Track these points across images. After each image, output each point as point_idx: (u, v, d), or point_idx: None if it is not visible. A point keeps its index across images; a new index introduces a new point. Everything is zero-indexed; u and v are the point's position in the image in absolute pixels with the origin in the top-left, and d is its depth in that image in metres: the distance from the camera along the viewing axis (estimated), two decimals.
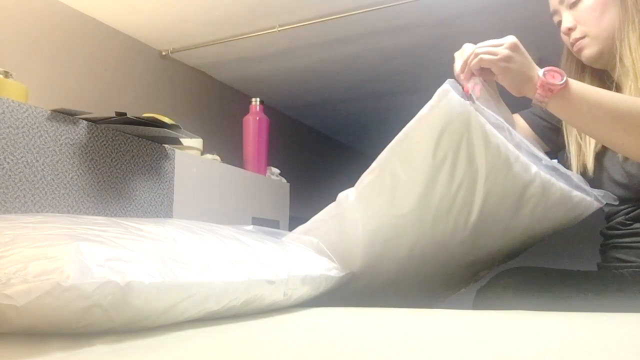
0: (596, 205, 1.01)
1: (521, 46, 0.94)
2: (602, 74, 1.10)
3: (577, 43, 1.07)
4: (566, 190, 0.98)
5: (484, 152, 0.95)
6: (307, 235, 1.09)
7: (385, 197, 1.01)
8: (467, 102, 0.96)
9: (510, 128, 0.99)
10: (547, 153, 1.05)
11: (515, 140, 0.98)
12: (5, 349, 0.51)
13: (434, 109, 0.97)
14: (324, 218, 1.11)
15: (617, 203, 1.03)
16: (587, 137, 1.10)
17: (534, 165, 0.97)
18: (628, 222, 1.06)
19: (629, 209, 1.06)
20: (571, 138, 1.13)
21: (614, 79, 1.07)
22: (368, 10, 1.70)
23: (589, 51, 1.06)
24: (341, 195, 1.09)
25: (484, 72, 0.98)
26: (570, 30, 1.07)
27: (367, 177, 1.05)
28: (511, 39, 0.94)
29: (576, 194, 0.99)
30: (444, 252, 1.02)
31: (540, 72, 0.92)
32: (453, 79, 1.00)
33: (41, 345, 0.52)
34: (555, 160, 1.02)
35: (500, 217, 0.99)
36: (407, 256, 1.02)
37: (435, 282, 1.11)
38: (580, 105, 0.92)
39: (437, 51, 2.02)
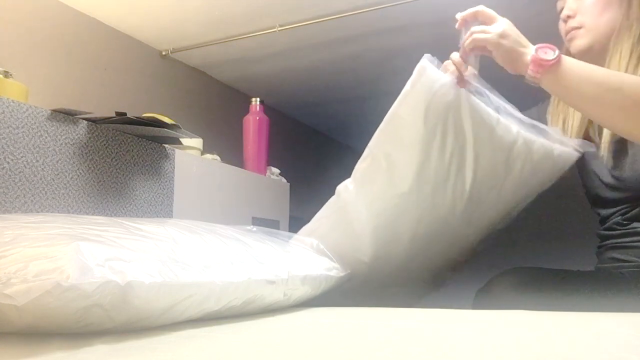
0: (575, 155, 1.03)
1: (514, 27, 0.95)
2: None
3: (572, 32, 1.08)
4: (547, 145, 1.02)
5: (469, 119, 0.99)
6: (313, 234, 1.11)
7: (383, 179, 1.04)
8: (446, 74, 1.00)
9: (488, 92, 1.02)
10: None
11: (494, 104, 1.02)
12: (5, 349, 0.51)
13: (416, 84, 1.01)
14: (327, 214, 1.12)
15: (593, 149, 1.04)
16: (569, 133, 1.11)
17: (514, 125, 1.01)
18: (625, 222, 1.06)
19: (625, 209, 1.06)
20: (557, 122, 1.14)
21: None
22: (368, 10, 1.70)
23: (580, 42, 1.07)
24: (340, 187, 1.10)
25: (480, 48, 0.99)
26: (569, 17, 1.08)
27: (362, 164, 1.07)
28: (504, 19, 0.96)
29: (556, 147, 1.02)
30: (446, 226, 1.04)
31: (533, 48, 0.93)
32: (430, 54, 1.04)
33: (41, 345, 0.52)
34: None
35: (493, 180, 1.02)
36: (412, 236, 1.04)
37: (441, 259, 1.13)
38: (572, 81, 0.92)
39: (437, 51, 2.02)
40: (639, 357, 0.49)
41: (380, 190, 1.04)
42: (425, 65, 1.01)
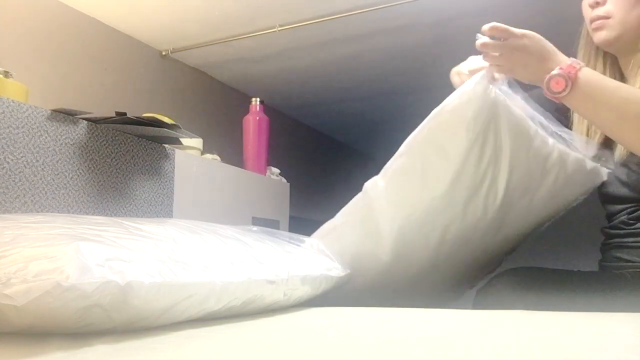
0: (605, 171, 1.05)
1: (523, 54, 0.94)
2: (614, 62, 1.10)
3: (599, 21, 1.05)
4: (580, 159, 1.03)
5: (507, 130, 0.99)
6: (336, 229, 1.11)
7: (417, 181, 1.03)
8: (492, 85, 1.00)
9: (524, 102, 1.03)
10: None
11: (530, 114, 1.02)
12: (5, 349, 0.51)
13: (465, 94, 1.00)
14: (352, 210, 1.12)
15: (613, 167, 1.06)
16: (594, 130, 1.10)
17: (550, 138, 1.02)
18: (631, 221, 1.06)
19: (632, 209, 1.06)
20: (582, 128, 1.13)
21: (623, 71, 1.08)
22: (368, 10, 1.70)
23: (607, 33, 1.04)
24: (368, 184, 1.10)
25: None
26: (597, 4, 1.04)
27: (396, 162, 1.06)
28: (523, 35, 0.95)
29: (589, 161, 1.03)
30: (474, 234, 1.04)
31: (548, 74, 0.92)
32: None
33: (41, 345, 0.52)
34: None
35: (526, 190, 1.02)
36: (440, 242, 1.04)
37: (466, 269, 1.13)
38: (589, 103, 0.92)
39: (437, 51, 2.02)
40: (639, 357, 0.49)
41: (413, 191, 1.04)
42: (485, 76, 1.00)
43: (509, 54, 0.94)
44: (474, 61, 1.07)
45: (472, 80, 1.01)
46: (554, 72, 0.91)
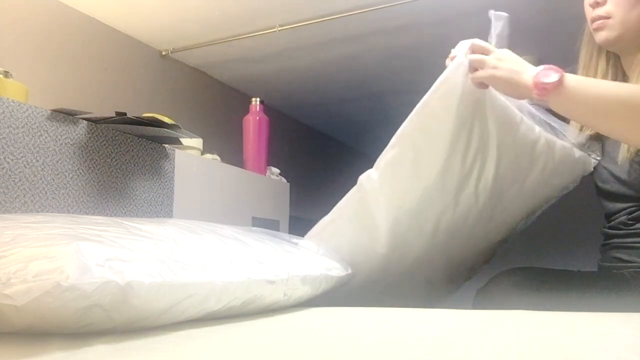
0: (593, 161, 1.08)
1: (508, 54, 0.95)
2: (616, 61, 1.10)
3: (600, 21, 1.04)
4: (568, 147, 1.05)
5: (494, 117, 1.00)
6: (332, 224, 1.12)
7: (410, 170, 1.04)
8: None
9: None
10: None
11: (516, 103, 1.04)
12: (5, 349, 0.51)
13: (450, 78, 1.01)
14: (347, 204, 1.13)
15: (600, 158, 1.08)
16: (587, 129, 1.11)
17: (537, 126, 1.04)
18: (630, 222, 1.05)
19: (631, 209, 1.05)
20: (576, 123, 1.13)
21: (625, 70, 1.08)
22: (368, 10, 1.70)
23: (607, 33, 1.03)
24: (362, 177, 1.11)
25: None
26: (598, 4, 1.04)
27: (388, 153, 1.07)
28: (498, 50, 0.97)
29: (576, 150, 1.06)
30: (467, 222, 1.05)
31: (534, 71, 0.92)
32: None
33: (41, 345, 0.52)
34: None
35: (515, 178, 1.04)
36: (434, 231, 1.05)
37: (460, 259, 1.14)
38: (578, 99, 0.91)
39: (437, 51, 2.01)
40: (639, 357, 0.49)
41: (406, 181, 1.05)
42: (463, 61, 1.01)
43: (491, 70, 0.95)
44: (465, 44, 1.08)
45: (454, 66, 1.01)
46: (540, 67, 0.91)
